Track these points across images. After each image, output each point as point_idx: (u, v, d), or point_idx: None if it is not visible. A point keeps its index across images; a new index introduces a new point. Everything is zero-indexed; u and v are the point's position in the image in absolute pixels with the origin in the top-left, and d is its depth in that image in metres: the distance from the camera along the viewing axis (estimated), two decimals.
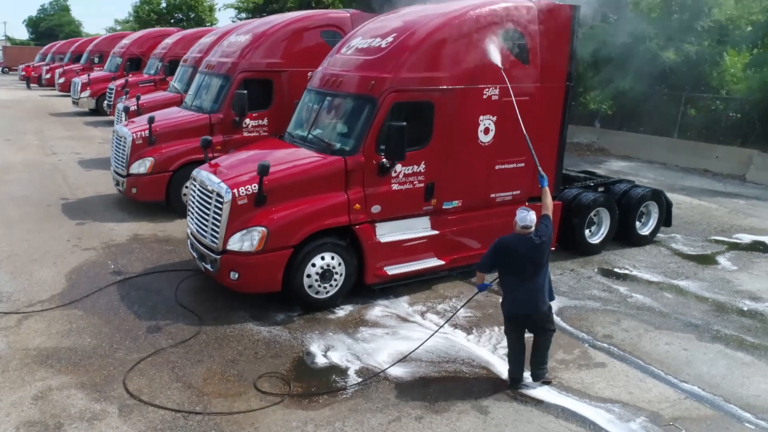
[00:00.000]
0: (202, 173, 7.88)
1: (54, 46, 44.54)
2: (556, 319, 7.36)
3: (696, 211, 12.74)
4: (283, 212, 7.11)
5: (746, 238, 11.01)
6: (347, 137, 7.70)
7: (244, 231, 7.03)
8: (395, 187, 7.64)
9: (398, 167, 7.56)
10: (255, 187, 7.06)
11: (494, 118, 8.09)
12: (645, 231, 10.37)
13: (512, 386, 5.86)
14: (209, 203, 7.41)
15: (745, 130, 18.10)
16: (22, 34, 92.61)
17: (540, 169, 6.59)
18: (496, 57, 7.66)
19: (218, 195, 7.24)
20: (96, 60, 32.21)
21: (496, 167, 8.31)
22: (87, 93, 24.94)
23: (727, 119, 18.69)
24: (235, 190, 7.08)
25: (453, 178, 7.98)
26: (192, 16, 53.10)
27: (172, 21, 54.17)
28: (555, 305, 7.73)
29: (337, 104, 8.13)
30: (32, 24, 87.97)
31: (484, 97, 7.97)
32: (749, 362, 6.48)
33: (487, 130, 8.08)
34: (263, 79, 11.41)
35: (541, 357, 5.91)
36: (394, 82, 7.43)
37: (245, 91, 10.72)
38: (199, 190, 7.76)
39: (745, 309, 7.88)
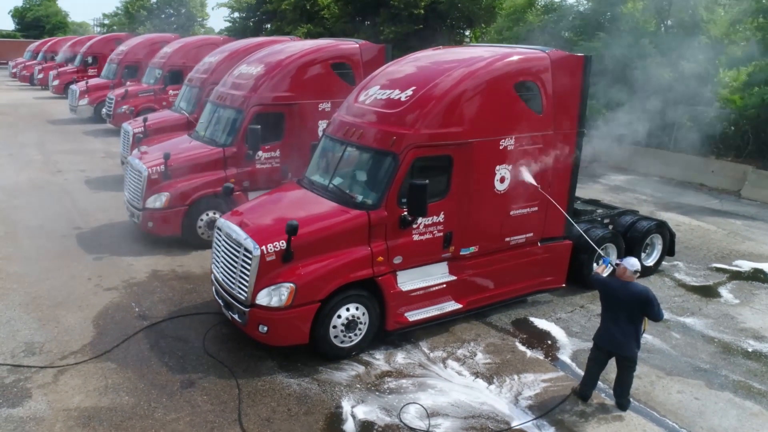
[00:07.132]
0: (225, 223, 8.06)
1: (46, 44, 44.15)
2: (572, 364, 7.72)
3: (695, 234, 13.12)
4: (310, 267, 7.35)
5: (746, 265, 11.40)
6: (369, 190, 7.91)
7: (273, 287, 7.27)
8: (416, 237, 7.89)
9: (418, 219, 7.82)
10: (283, 243, 7.28)
11: (510, 167, 8.35)
12: (649, 262, 10.73)
13: (583, 401, 6.87)
14: (237, 256, 7.61)
15: (738, 144, 18.50)
16: (8, 24, 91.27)
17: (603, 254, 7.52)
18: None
19: (246, 250, 7.44)
20: (89, 61, 32.11)
21: (511, 213, 8.57)
22: (85, 101, 24.92)
23: (721, 132, 19.05)
24: (264, 247, 7.28)
25: (470, 225, 8.23)
26: (183, 11, 52.65)
27: (162, 16, 53.76)
28: (570, 349, 8.13)
29: (357, 156, 8.32)
30: (18, 14, 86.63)
31: (501, 147, 8.22)
32: (757, 412, 6.85)
33: (503, 179, 8.34)
34: (275, 112, 11.58)
35: (624, 390, 6.80)
36: (414, 138, 7.64)
37: (258, 126, 10.89)
38: (224, 240, 7.96)
39: (750, 350, 8.25)
